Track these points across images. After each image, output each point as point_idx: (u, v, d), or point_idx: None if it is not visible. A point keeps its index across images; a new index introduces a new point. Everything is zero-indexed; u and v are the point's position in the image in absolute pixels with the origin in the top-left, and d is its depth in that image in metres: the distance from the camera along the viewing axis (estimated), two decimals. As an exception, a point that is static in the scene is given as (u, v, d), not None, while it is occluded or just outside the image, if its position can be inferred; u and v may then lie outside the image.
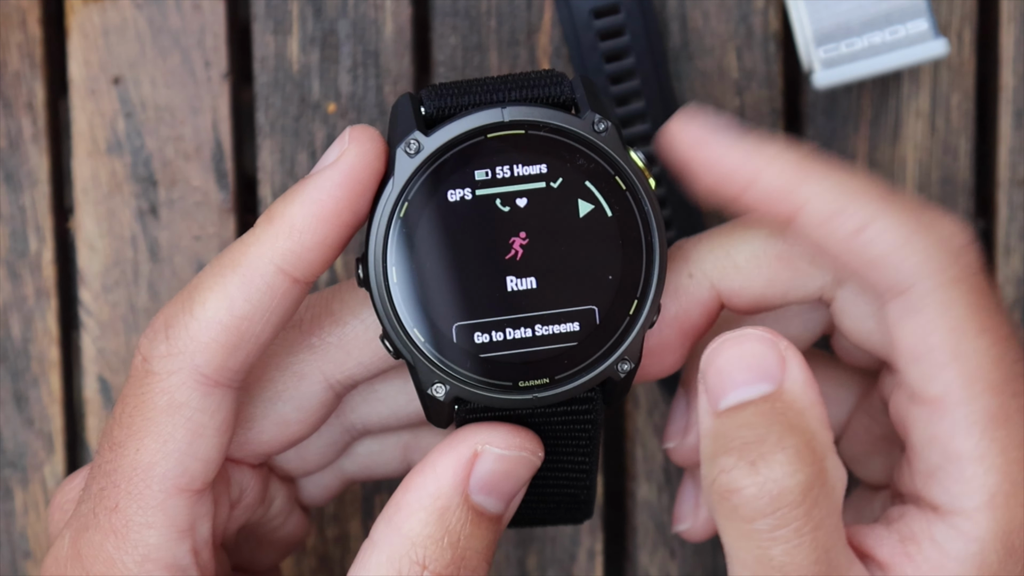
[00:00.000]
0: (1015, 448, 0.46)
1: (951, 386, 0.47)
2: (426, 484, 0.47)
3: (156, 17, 0.61)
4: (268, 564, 0.55)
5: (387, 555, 0.47)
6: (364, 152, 0.46)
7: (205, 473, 0.48)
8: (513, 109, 0.46)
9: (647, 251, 0.47)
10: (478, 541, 0.47)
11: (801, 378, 0.46)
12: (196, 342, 0.47)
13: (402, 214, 0.46)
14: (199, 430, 0.47)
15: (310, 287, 0.47)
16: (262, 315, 0.47)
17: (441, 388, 0.47)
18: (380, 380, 0.53)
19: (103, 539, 0.48)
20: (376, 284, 0.46)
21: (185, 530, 0.48)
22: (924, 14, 0.58)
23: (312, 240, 0.46)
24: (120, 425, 0.48)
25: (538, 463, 0.48)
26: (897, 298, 0.47)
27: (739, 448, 0.45)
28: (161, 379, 0.47)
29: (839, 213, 0.47)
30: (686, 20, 0.61)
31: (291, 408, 0.50)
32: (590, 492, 0.52)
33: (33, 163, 0.61)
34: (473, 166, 0.46)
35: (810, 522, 0.45)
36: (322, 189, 0.46)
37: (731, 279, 0.50)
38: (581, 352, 0.47)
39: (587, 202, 0.47)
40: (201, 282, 0.47)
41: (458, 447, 0.47)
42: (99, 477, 0.48)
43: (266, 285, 0.46)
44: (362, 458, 0.55)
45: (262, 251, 0.46)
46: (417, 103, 0.47)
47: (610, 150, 0.47)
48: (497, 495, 0.47)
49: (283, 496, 0.53)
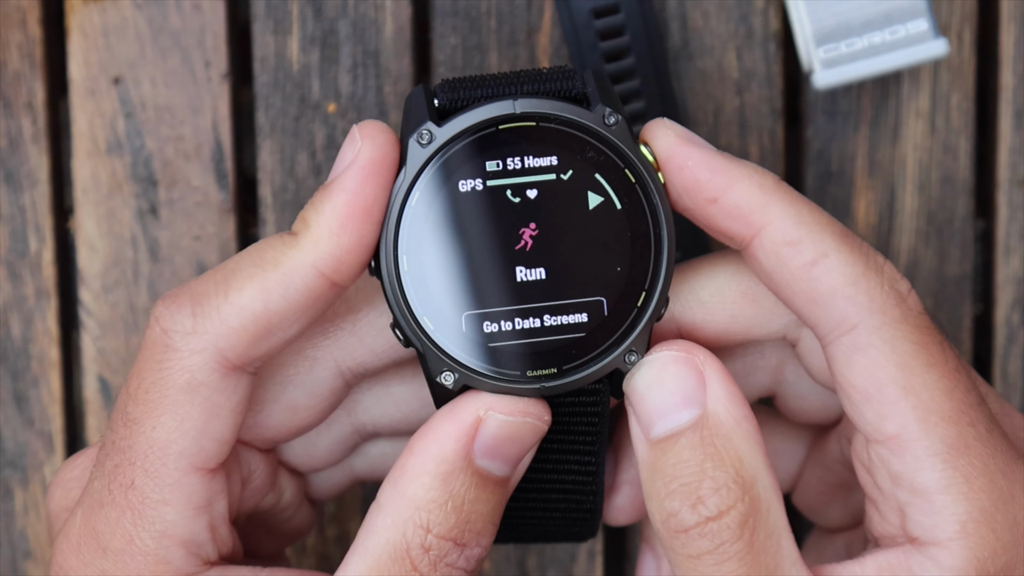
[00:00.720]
0: (978, 476, 0.47)
1: (906, 421, 0.47)
2: (429, 448, 0.47)
3: (156, 17, 0.61)
4: (274, 551, 0.55)
5: (392, 518, 0.47)
6: (378, 145, 0.47)
7: (219, 453, 0.48)
8: (524, 101, 0.47)
9: (655, 244, 0.47)
10: (483, 504, 0.47)
11: (724, 395, 0.47)
12: (225, 326, 0.47)
13: (413, 203, 0.47)
14: (216, 410, 0.47)
15: (344, 292, 0.48)
16: (296, 314, 0.47)
17: (450, 376, 0.47)
18: (395, 382, 0.53)
19: (120, 515, 0.48)
20: (387, 273, 0.47)
21: (202, 507, 0.48)
22: (924, 14, 0.58)
23: (350, 241, 0.46)
24: (135, 401, 0.48)
25: (544, 428, 0.48)
26: (842, 336, 0.47)
27: (679, 491, 0.47)
28: (183, 356, 0.47)
29: (796, 242, 0.47)
30: (686, 20, 0.61)
31: (301, 393, 0.51)
32: (596, 500, 0.52)
33: (33, 163, 0.61)
34: (484, 157, 0.47)
35: (751, 550, 0.47)
36: (348, 189, 0.46)
37: (693, 312, 0.50)
38: (589, 343, 0.47)
39: (597, 194, 0.47)
40: (239, 268, 0.47)
41: (461, 412, 0.47)
42: (113, 454, 0.48)
43: (305, 287, 0.47)
44: (373, 458, 0.55)
45: (303, 256, 0.46)
46: (431, 95, 0.48)
47: (620, 143, 0.47)
48: (502, 459, 0.48)
49: (293, 490, 0.54)
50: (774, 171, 0.61)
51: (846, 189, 0.61)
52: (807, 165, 0.62)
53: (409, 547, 0.47)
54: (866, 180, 0.61)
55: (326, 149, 0.61)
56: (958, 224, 0.61)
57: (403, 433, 0.54)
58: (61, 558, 0.49)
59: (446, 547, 0.47)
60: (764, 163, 0.61)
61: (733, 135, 0.61)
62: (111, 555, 0.48)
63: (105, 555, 0.48)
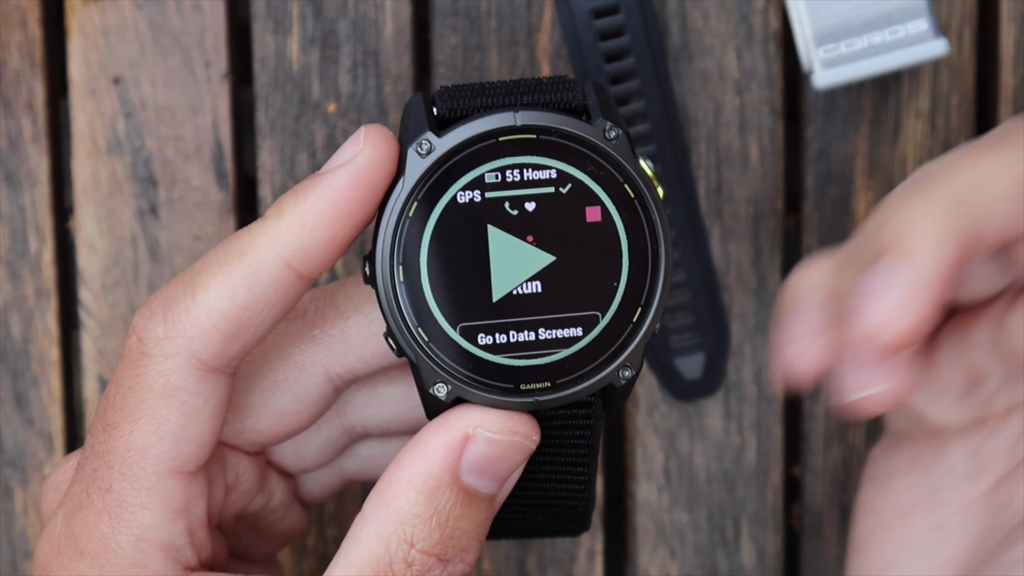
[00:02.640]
0: None
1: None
2: (416, 463, 0.47)
3: (156, 17, 0.61)
4: (266, 554, 0.55)
5: (376, 531, 0.47)
6: (379, 153, 0.46)
7: (198, 456, 0.48)
8: (525, 113, 0.46)
9: (653, 260, 0.47)
10: (468, 521, 0.47)
11: None
12: (196, 328, 0.47)
13: (411, 213, 0.46)
14: (193, 413, 0.47)
15: (312, 283, 0.47)
16: (264, 307, 0.47)
17: (443, 388, 0.47)
18: (384, 383, 0.53)
19: (97, 519, 0.48)
20: (383, 282, 0.46)
21: (179, 511, 0.48)
22: (924, 14, 0.58)
23: (322, 238, 0.46)
24: (114, 406, 0.48)
25: (532, 447, 0.48)
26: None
27: None
28: (157, 361, 0.47)
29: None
30: (686, 20, 0.61)
31: (289, 398, 0.50)
32: (588, 504, 0.52)
33: (33, 163, 0.61)
34: (483, 169, 0.47)
35: None
36: (335, 188, 0.46)
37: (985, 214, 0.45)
38: (583, 357, 0.47)
39: (595, 208, 0.47)
40: (205, 267, 0.47)
41: (450, 428, 0.47)
42: (92, 458, 0.48)
43: (271, 278, 0.46)
44: (363, 459, 0.55)
45: (271, 244, 0.46)
46: (430, 103, 0.47)
47: (620, 158, 0.47)
48: (489, 477, 0.47)
49: (283, 491, 0.54)
50: (774, 171, 0.61)
51: (846, 189, 0.61)
52: (807, 165, 0.62)
53: (392, 561, 0.47)
54: (866, 180, 0.61)
55: (326, 149, 0.61)
56: (958, 224, 0.61)
57: (393, 434, 0.54)
58: (43, 560, 0.49)
59: (429, 562, 0.47)
60: (764, 163, 0.61)
61: (733, 135, 0.61)
62: (88, 558, 0.48)
63: (83, 558, 0.48)
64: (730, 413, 0.62)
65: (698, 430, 0.62)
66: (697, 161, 0.61)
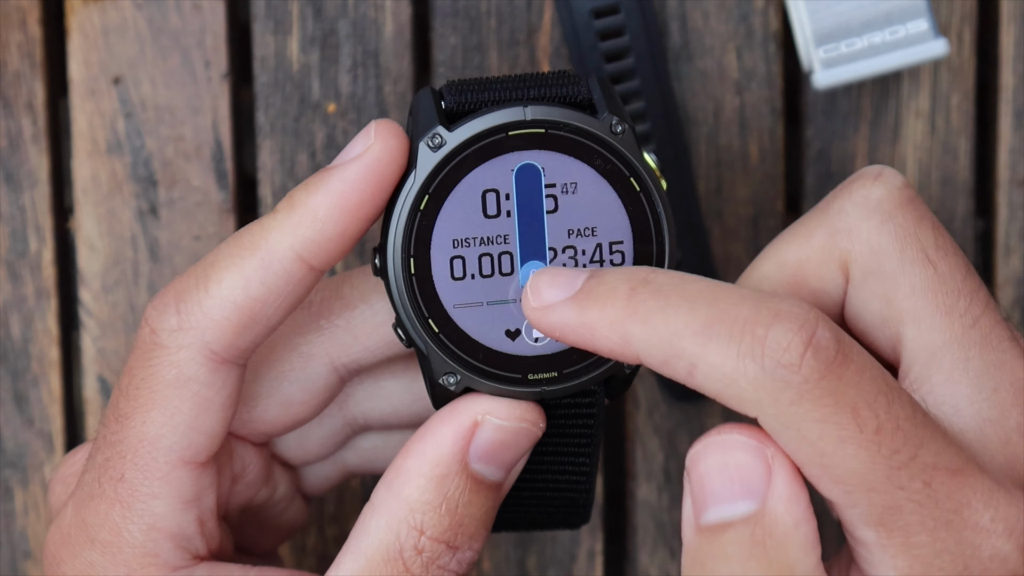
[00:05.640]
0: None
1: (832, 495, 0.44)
2: (425, 451, 0.47)
3: (156, 17, 0.61)
4: (268, 547, 0.56)
5: (386, 519, 0.47)
6: (390, 148, 0.47)
7: (209, 446, 0.48)
8: (535, 108, 0.47)
9: (657, 251, 0.48)
10: (476, 508, 0.48)
11: (786, 493, 0.44)
12: (209, 319, 0.47)
13: (422, 207, 0.47)
14: (205, 404, 0.48)
15: (323, 275, 0.48)
16: (276, 299, 0.47)
17: (452, 378, 0.47)
18: (387, 376, 0.53)
19: (108, 508, 0.48)
20: (393, 274, 0.47)
21: (190, 501, 0.48)
22: (924, 14, 0.58)
23: (333, 231, 0.47)
24: (126, 397, 0.48)
25: (539, 434, 0.48)
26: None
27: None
28: (170, 353, 0.47)
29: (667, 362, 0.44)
30: (686, 20, 0.61)
31: (296, 389, 0.51)
32: (589, 496, 0.52)
33: (33, 163, 0.61)
34: (493, 162, 0.47)
35: None
36: (347, 181, 0.47)
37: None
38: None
39: (602, 202, 0.47)
40: (217, 259, 0.47)
41: (459, 416, 0.47)
42: (104, 448, 0.48)
43: (284, 270, 0.47)
44: (364, 451, 0.55)
45: (283, 237, 0.47)
46: (438, 97, 0.48)
47: (626, 151, 0.47)
48: (497, 464, 0.48)
49: (286, 483, 0.54)
50: (774, 171, 0.61)
51: (846, 189, 0.61)
52: (807, 165, 0.62)
53: (402, 548, 0.47)
54: (866, 180, 0.61)
55: (326, 149, 0.61)
56: (958, 224, 0.61)
57: (394, 427, 0.54)
58: (53, 549, 0.49)
59: (439, 549, 0.47)
60: (764, 163, 0.61)
61: (733, 135, 0.61)
62: (99, 547, 0.48)
63: (94, 546, 0.48)
64: (730, 413, 0.62)
65: (698, 430, 0.62)
66: (697, 161, 0.61)
